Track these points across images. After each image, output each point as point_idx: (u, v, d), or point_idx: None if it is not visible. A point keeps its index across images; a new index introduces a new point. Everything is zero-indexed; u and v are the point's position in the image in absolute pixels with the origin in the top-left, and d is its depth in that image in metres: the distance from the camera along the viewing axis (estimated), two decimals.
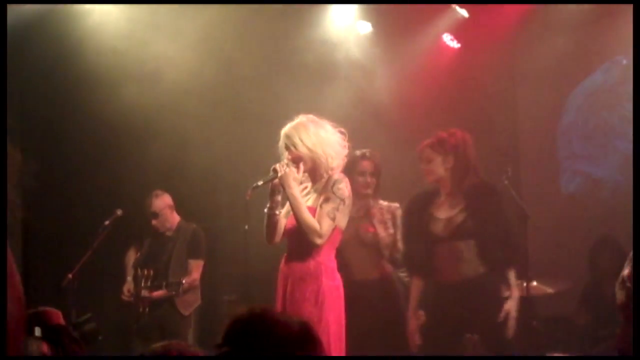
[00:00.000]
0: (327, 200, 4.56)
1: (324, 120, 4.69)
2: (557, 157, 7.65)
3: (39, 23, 6.81)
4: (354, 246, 5.58)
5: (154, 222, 6.62)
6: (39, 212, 7.29)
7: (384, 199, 5.77)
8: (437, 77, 7.33)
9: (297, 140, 4.57)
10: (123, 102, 6.88)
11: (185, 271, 6.54)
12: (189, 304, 6.55)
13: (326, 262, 4.60)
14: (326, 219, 4.52)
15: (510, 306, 5.24)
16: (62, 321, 3.08)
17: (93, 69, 6.95)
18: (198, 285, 6.62)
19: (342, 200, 4.57)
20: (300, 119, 4.64)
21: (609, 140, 7.39)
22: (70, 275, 6.11)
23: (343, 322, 4.62)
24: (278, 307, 4.59)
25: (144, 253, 6.64)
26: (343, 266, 5.16)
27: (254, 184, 4.62)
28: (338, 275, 4.66)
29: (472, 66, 7.37)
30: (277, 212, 4.63)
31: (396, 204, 5.80)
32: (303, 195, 4.66)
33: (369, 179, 5.68)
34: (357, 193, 5.46)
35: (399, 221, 5.74)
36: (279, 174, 4.51)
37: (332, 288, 4.57)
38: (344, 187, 4.59)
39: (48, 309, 3.10)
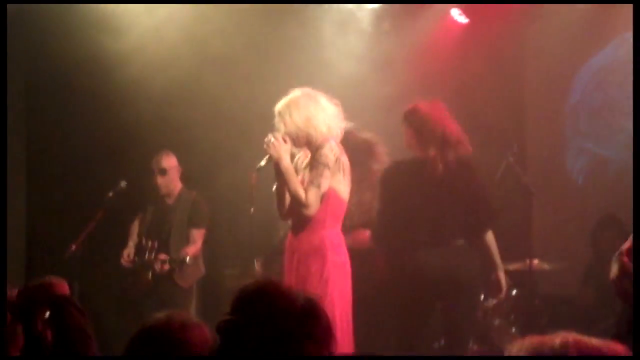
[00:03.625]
0: (311, 168, 4.52)
1: (319, 93, 4.61)
2: (564, 134, 7.61)
3: (44, 18, 6.77)
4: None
5: (159, 180, 6.42)
6: (42, 183, 7.28)
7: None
8: (445, 52, 7.27)
9: (287, 118, 4.54)
10: (129, 76, 6.84)
11: (187, 241, 6.40)
12: (189, 276, 6.39)
13: (331, 236, 4.55)
14: (310, 188, 4.46)
15: (498, 277, 5.02)
16: (67, 291, 3.07)
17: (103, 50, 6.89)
18: (200, 256, 6.49)
19: (326, 165, 4.46)
20: (294, 93, 4.59)
21: (616, 119, 7.33)
22: (73, 247, 6.10)
23: (350, 299, 4.56)
24: (285, 282, 4.55)
25: (147, 223, 6.55)
26: None
27: (257, 166, 4.59)
28: (345, 251, 4.60)
29: (480, 41, 7.32)
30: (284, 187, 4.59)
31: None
32: (302, 168, 4.64)
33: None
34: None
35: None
36: (270, 150, 4.48)
37: (338, 264, 4.53)
38: (328, 152, 4.47)
39: (53, 279, 3.09)
